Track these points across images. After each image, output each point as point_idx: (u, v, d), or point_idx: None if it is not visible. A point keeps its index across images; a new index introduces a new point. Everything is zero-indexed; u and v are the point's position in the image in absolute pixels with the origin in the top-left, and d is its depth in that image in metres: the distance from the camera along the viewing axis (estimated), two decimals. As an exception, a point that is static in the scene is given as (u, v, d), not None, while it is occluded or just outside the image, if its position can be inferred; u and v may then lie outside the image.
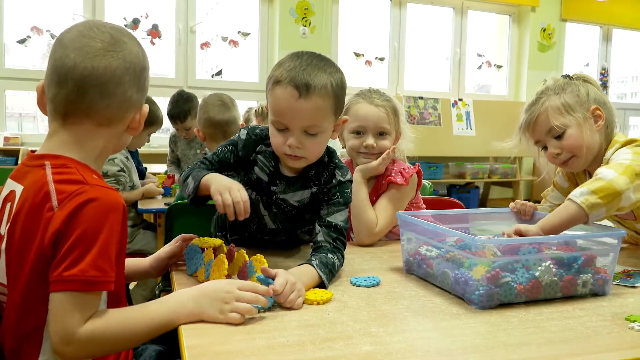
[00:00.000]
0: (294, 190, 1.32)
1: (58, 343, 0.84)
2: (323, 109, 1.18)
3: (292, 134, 1.18)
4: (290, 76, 1.15)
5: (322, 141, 1.24)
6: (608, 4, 6.41)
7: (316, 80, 1.15)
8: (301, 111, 1.16)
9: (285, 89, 1.15)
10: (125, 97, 0.97)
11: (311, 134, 1.19)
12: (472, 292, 1.03)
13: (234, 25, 5.72)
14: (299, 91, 1.14)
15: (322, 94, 1.16)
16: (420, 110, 5.83)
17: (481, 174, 6.02)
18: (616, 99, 7.93)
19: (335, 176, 1.31)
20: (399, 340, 0.87)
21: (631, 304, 1.08)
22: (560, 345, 0.87)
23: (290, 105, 1.15)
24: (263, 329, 0.90)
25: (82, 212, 0.86)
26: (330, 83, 1.17)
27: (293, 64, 1.16)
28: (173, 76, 5.52)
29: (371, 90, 1.68)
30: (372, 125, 1.62)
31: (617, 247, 1.14)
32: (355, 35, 6.22)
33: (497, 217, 1.56)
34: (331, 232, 1.25)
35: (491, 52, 6.91)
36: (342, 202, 1.29)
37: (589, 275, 1.10)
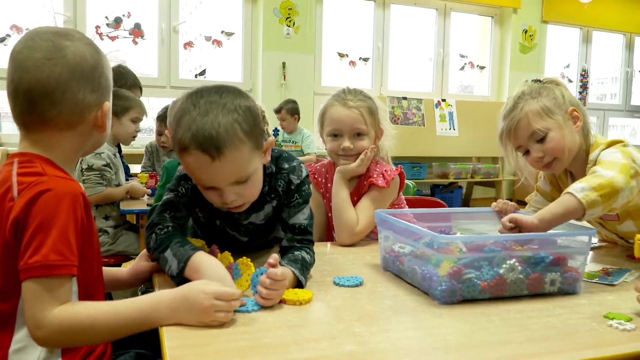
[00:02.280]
0: (256, 212, 1.29)
1: (31, 328, 0.87)
2: (243, 159, 1.07)
3: (224, 191, 1.10)
4: (193, 138, 1.02)
5: (257, 180, 1.15)
6: (588, 6, 6.50)
7: (222, 132, 1.02)
8: (221, 172, 1.07)
9: (196, 157, 1.04)
10: (77, 100, 0.97)
11: (242, 182, 1.11)
12: (435, 287, 1.05)
13: (218, 25, 5.70)
14: (210, 155, 1.03)
15: (235, 144, 1.04)
16: (404, 111, 5.86)
17: (464, 174, 6.07)
18: (596, 100, 8.06)
19: (292, 181, 1.27)
20: (382, 340, 0.87)
21: (610, 302, 1.09)
22: (540, 343, 0.88)
23: (207, 171, 1.06)
24: (246, 330, 0.90)
25: (38, 201, 0.89)
26: (239, 125, 1.05)
27: (190, 116, 1.04)
28: (156, 76, 5.48)
29: (346, 91, 1.66)
30: (347, 128, 1.62)
31: (588, 246, 1.15)
32: (339, 35, 6.23)
33: (479, 216, 1.58)
34: (295, 234, 1.25)
35: (474, 53, 6.98)
36: (301, 201, 1.27)
37: (557, 273, 1.11)
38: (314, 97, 5.82)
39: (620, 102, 7.94)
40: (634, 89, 7.97)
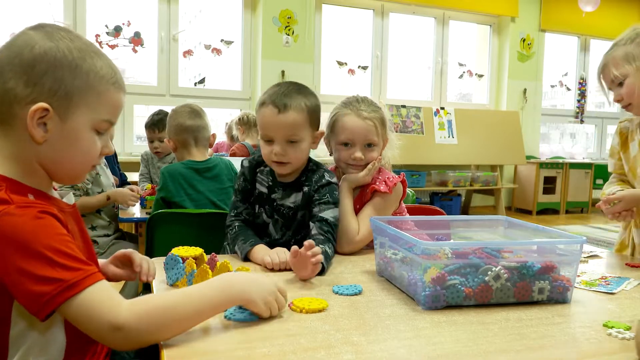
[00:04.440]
0: (289, 194, 1.54)
1: (108, 337, 0.82)
2: (299, 121, 1.45)
3: (277, 144, 1.46)
4: (271, 98, 1.45)
5: (302, 148, 1.49)
6: (586, 15, 6.54)
7: (291, 100, 1.45)
8: (281, 124, 1.44)
9: (267, 108, 1.45)
10: (5, 88, 0.87)
11: (292, 141, 1.46)
12: (420, 293, 1.06)
13: (217, 33, 5.72)
14: (277, 108, 1.43)
15: (297, 109, 1.45)
16: (402, 119, 5.87)
17: (463, 181, 6.08)
18: (594, 108, 8.08)
19: (325, 177, 1.53)
20: (380, 349, 0.87)
21: (609, 311, 1.09)
22: (539, 352, 0.88)
23: (272, 120, 1.45)
24: (245, 339, 0.89)
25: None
26: (305, 103, 1.46)
27: (272, 90, 1.48)
28: (155, 84, 5.49)
29: (359, 100, 1.66)
30: (360, 138, 1.62)
31: (578, 255, 1.15)
32: (338, 44, 6.26)
33: (478, 224, 1.58)
34: (323, 225, 1.45)
35: (472, 62, 7.01)
36: (331, 201, 1.49)
37: (546, 282, 1.11)
38: (313, 105, 5.83)
39: (619, 110, 7.95)
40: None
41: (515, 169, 6.87)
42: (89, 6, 5.10)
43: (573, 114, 7.53)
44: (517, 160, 6.47)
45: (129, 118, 5.37)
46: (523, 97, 6.91)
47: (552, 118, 7.64)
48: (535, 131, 7.08)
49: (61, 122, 0.89)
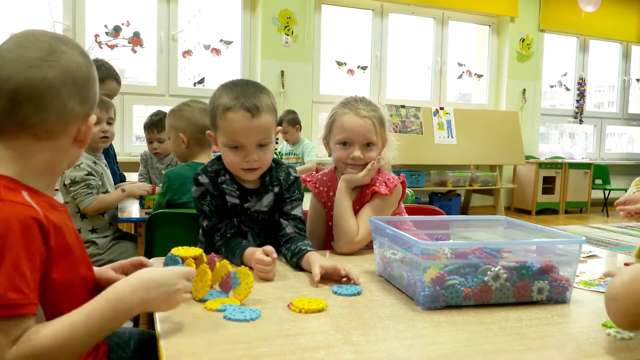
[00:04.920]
0: (261, 199, 1.49)
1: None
2: (270, 123, 1.41)
3: (248, 150, 1.39)
4: (239, 101, 1.36)
5: (271, 150, 1.45)
6: (585, 15, 6.55)
7: (261, 101, 1.38)
8: (255, 129, 1.38)
9: (238, 113, 1.36)
10: (65, 110, 0.90)
11: (263, 145, 1.41)
12: (419, 293, 1.07)
13: (217, 33, 5.72)
14: (251, 112, 1.36)
15: (268, 111, 1.40)
16: (402, 119, 5.87)
17: (462, 181, 6.08)
18: (593, 108, 8.09)
19: (291, 173, 1.53)
20: (379, 349, 0.87)
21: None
22: (538, 352, 0.88)
23: (245, 126, 1.37)
24: (244, 340, 0.89)
25: None
26: (271, 102, 1.42)
27: (234, 92, 1.38)
28: (155, 84, 5.49)
29: (357, 100, 1.66)
30: (359, 137, 1.61)
31: (577, 255, 1.15)
32: (337, 44, 6.26)
33: (477, 224, 1.58)
34: (298, 223, 1.48)
35: (471, 62, 7.01)
36: (300, 197, 1.52)
37: (546, 282, 1.11)
38: (312, 106, 5.83)
39: (618, 110, 7.97)
40: (631, 97, 8.01)
41: (514, 169, 6.88)
42: (88, 6, 5.10)
43: (572, 114, 7.54)
44: (517, 160, 6.47)
45: (128, 118, 5.36)
46: (522, 97, 6.91)
47: (551, 118, 7.64)
48: (534, 131, 7.09)
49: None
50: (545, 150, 7.36)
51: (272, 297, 1.12)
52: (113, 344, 1.06)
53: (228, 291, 1.11)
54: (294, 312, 1.02)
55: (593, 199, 7.06)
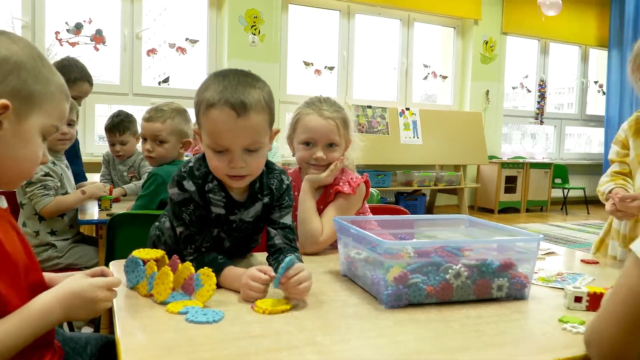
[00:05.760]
0: (247, 208, 1.33)
1: None
2: (261, 125, 1.19)
3: (234, 154, 1.18)
4: (224, 97, 1.14)
5: (263, 155, 1.24)
6: (546, 18, 6.73)
7: (250, 98, 1.15)
8: (241, 131, 1.16)
9: (222, 111, 1.14)
10: None
11: (252, 150, 1.19)
12: (382, 292, 1.08)
13: (182, 32, 5.65)
14: (236, 111, 1.14)
15: (259, 109, 1.17)
16: (368, 119, 5.92)
17: (428, 181, 6.17)
18: (554, 109, 8.32)
19: (284, 180, 1.36)
20: (343, 349, 0.87)
21: (565, 306, 1.12)
22: (498, 349, 0.90)
23: (229, 126, 1.15)
24: (207, 342, 0.88)
25: None
26: (263, 97, 1.19)
27: (221, 84, 1.16)
28: (118, 83, 5.38)
29: (321, 100, 1.66)
30: (322, 138, 1.61)
31: (536, 252, 1.18)
32: (304, 44, 6.26)
33: (442, 223, 1.61)
34: (288, 233, 1.32)
35: (437, 63, 7.12)
36: (290, 204, 1.36)
37: (505, 279, 1.14)
38: (279, 106, 5.82)
39: (576, 112, 8.22)
40: (588, 99, 8.28)
41: (478, 168, 7.01)
42: (48, 2, 4.96)
43: (533, 115, 7.73)
44: (480, 160, 6.61)
45: (90, 118, 5.24)
46: (486, 99, 7.06)
47: (513, 119, 7.82)
48: (497, 132, 7.24)
49: (17, 123, 0.89)
50: (507, 151, 7.54)
51: (236, 298, 1.11)
52: (69, 349, 1.04)
53: (191, 293, 1.09)
54: (257, 314, 1.02)
55: (553, 197, 7.26)
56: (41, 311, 0.88)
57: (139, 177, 2.89)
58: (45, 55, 0.95)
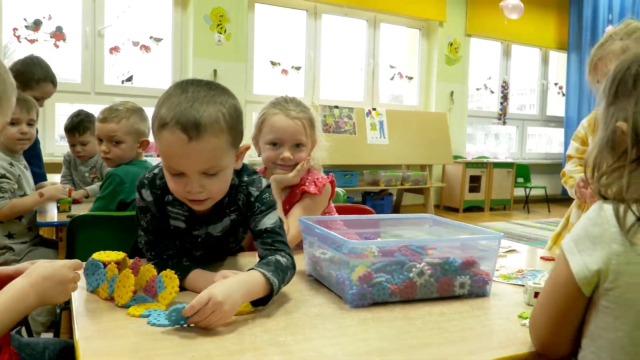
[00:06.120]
0: (214, 223, 1.26)
1: None
2: (219, 148, 1.07)
3: (190, 179, 1.08)
4: (176, 117, 1.03)
5: (225, 178, 1.15)
6: (508, 21, 6.88)
7: (205, 117, 1.04)
8: (195, 156, 1.05)
9: (173, 133, 1.03)
10: None
11: (211, 174, 1.10)
12: (347, 291, 1.08)
13: (146, 30, 5.55)
14: (188, 134, 1.02)
15: (215, 131, 1.05)
16: (335, 119, 5.94)
17: (394, 181, 6.23)
18: (516, 110, 8.52)
19: (251, 193, 1.24)
20: (307, 348, 0.87)
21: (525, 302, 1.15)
22: (459, 345, 0.91)
23: (181, 151, 1.04)
24: (168, 345, 0.87)
25: None
26: (223, 116, 1.07)
27: (177, 99, 1.05)
28: (79, 81, 5.25)
29: (287, 100, 1.66)
30: (289, 138, 1.62)
31: (497, 250, 1.21)
32: (271, 43, 6.24)
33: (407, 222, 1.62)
34: (265, 239, 1.20)
35: (403, 64, 7.20)
36: (264, 208, 1.23)
37: (467, 277, 1.16)
38: (246, 105, 5.78)
39: (537, 113, 8.44)
40: (549, 100, 8.51)
41: (443, 168, 7.12)
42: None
43: (496, 116, 7.90)
44: (445, 160, 6.71)
45: (50, 117, 5.10)
46: (450, 99, 7.17)
47: (477, 119, 7.98)
48: (462, 132, 7.37)
49: None
50: (471, 150, 7.68)
51: (200, 300, 1.10)
52: (25, 355, 1.01)
53: (153, 296, 1.08)
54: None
55: (515, 196, 7.44)
56: (16, 296, 0.90)
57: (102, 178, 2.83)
58: (2, 52, 0.94)
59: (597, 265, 0.80)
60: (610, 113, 0.87)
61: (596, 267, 0.80)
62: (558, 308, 0.86)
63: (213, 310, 0.92)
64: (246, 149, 1.20)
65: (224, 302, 0.93)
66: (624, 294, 0.79)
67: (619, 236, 0.78)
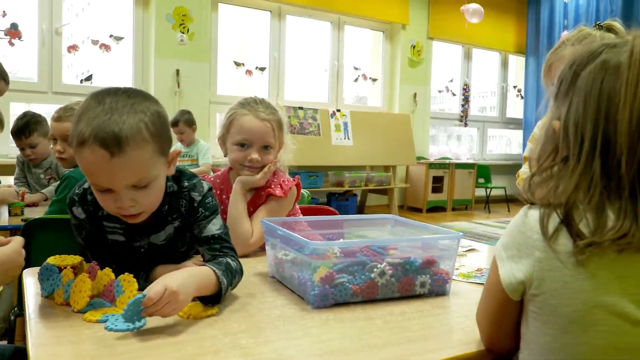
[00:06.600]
0: (155, 233, 1.21)
1: None
2: (145, 160, 1.02)
3: (119, 194, 1.02)
4: (94, 132, 0.96)
5: (157, 188, 1.09)
6: (469, 25, 7.02)
7: (126, 129, 0.97)
8: (120, 171, 0.99)
9: (94, 151, 0.96)
10: None
11: (142, 186, 1.04)
12: (309, 292, 1.09)
13: (106, 28, 5.43)
14: (109, 150, 0.96)
15: (138, 143, 0.99)
16: (300, 120, 5.94)
17: (358, 182, 6.27)
18: (477, 112, 8.70)
19: (194, 199, 1.20)
20: (268, 351, 0.87)
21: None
22: (419, 344, 0.93)
23: (104, 168, 0.98)
24: (126, 350, 0.85)
25: None
26: (145, 125, 1.00)
27: (94, 112, 0.98)
28: (36, 80, 5.09)
29: (257, 101, 1.65)
30: (257, 139, 1.60)
31: (455, 249, 1.24)
32: (235, 44, 6.20)
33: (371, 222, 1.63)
34: (212, 245, 1.18)
35: (367, 66, 7.26)
36: (207, 213, 1.20)
37: (427, 276, 1.18)
38: (209, 106, 5.72)
39: (498, 115, 8.64)
40: (508, 102, 8.72)
41: (407, 169, 7.21)
42: (-44, -7, 4.63)
43: (458, 118, 8.05)
44: (409, 161, 6.80)
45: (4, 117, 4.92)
46: (413, 101, 7.27)
47: (440, 121, 8.11)
48: (424, 133, 7.48)
49: None
50: (434, 151, 7.80)
51: (160, 304, 1.08)
52: (-25, 364, 0.97)
53: (111, 300, 1.05)
54: (181, 319, 0.99)
55: (477, 196, 7.60)
56: None
57: (58, 178, 2.75)
58: None
59: (522, 272, 0.81)
60: (551, 112, 0.89)
61: (521, 274, 0.81)
62: (493, 309, 0.89)
63: (169, 300, 0.92)
64: (177, 154, 1.15)
65: (179, 292, 0.93)
66: (548, 300, 0.79)
67: (541, 243, 0.79)
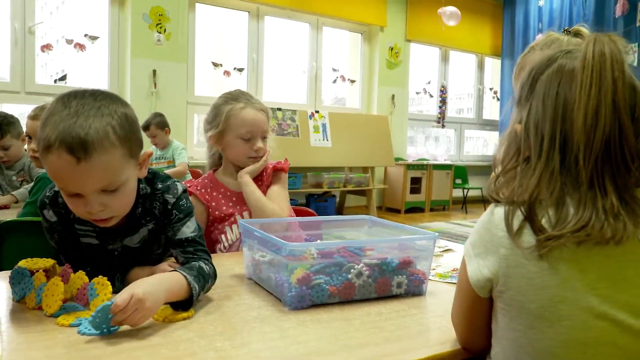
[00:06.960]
0: (129, 235, 1.20)
1: None
2: (113, 164, 0.99)
3: (88, 199, 1.00)
4: (60, 137, 0.93)
5: (128, 192, 1.07)
6: (445, 27, 7.10)
7: (92, 133, 0.95)
8: (87, 176, 0.97)
9: (60, 157, 0.94)
10: None
11: (111, 190, 1.02)
12: (286, 294, 1.09)
13: (81, 27, 5.34)
14: (75, 155, 0.93)
15: (105, 147, 0.96)
16: (278, 122, 5.93)
17: (337, 183, 6.29)
18: (454, 114, 8.80)
19: (168, 201, 1.18)
20: (244, 353, 0.86)
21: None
22: (396, 343, 0.93)
23: (71, 173, 0.96)
24: (100, 354, 0.84)
25: None
26: (112, 129, 0.98)
27: (59, 116, 0.95)
28: (8, 80, 4.99)
29: (244, 94, 1.73)
30: (260, 130, 1.69)
31: (432, 250, 1.25)
32: (213, 44, 6.15)
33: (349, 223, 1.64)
34: (186, 247, 1.17)
35: (345, 68, 7.28)
36: (182, 216, 1.19)
37: (404, 276, 1.19)
38: (187, 107, 5.67)
39: (474, 116, 8.74)
40: (485, 104, 8.84)
41: (385, 170, 7.25)
42: None
43: (436, 119, 8.13)
44: (387, 162, 6.84)
45: (-25, 117, 4.81)
46: (392, 103, 7.31)
47: (418, 122, 8.17)
48: (403, 134, 7.53)
49: None
50: (412, 153, 7.86)
51: (135, 307, 1.06)
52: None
53: (85, 304, 1.04)
54: (157, 322, 0.98)
55: (454, 197, 7.67)
56: None
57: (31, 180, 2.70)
58: None
59: (488, 269, 0.82)
60: (514, 115, 0.91)
61: (488, 271, 0.82)
62: (465, 307, 0.91)
63: (135, 307, 0.91)
64: (149, 156, 1.13)
65: (145, 299, 0.92)
66: (515, 296, 0.80)
67: (506, 240, 0.80)
